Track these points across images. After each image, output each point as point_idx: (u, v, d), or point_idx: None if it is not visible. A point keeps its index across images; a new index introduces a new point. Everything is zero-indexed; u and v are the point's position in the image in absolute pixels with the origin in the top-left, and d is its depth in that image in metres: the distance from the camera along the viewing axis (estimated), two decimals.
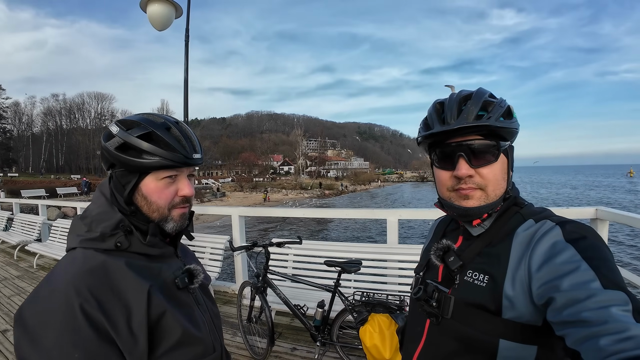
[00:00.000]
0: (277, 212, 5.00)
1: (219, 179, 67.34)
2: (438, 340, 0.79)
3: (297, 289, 3.15)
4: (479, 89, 0.77)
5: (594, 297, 0.55)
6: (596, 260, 0.60)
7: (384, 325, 1.92)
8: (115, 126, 0.75)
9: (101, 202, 0.76)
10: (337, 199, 46.30)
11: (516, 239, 0.71)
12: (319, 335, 2.43)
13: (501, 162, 0.75)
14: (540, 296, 0.63)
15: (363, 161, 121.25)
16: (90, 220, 0.73)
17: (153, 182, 0.77)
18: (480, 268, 0.74)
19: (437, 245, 0.82)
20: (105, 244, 0.71)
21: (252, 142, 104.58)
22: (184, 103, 4.70)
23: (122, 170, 0.76)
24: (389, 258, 3.10)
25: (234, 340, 3.00)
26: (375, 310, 2.05)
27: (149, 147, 0.73)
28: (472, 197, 0.75)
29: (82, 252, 0.70)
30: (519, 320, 0.67)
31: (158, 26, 4.24)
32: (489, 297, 0.70)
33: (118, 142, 0.74)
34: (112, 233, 0.72)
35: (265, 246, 2.66)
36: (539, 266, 0.64)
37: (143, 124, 0.75)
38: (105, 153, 0.76)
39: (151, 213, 0.78)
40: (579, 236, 0.64)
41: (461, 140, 0.74)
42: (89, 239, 0.71)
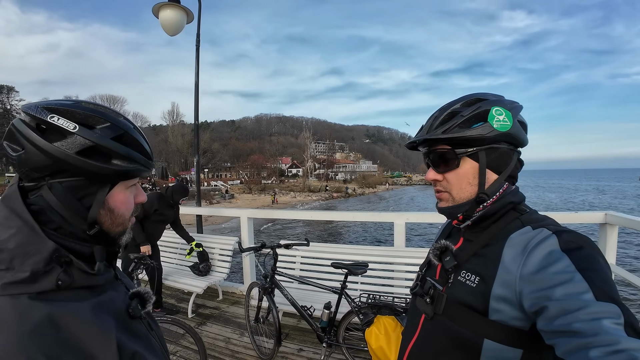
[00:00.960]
0: (285, 214, 5.03)
1: (228, 181, 67.84)
2: (430, 335, 0.82)
3: (304, 291, 3.19)
4: (464, 97, 0.82)
5: (586, 309, 0.55)
6: (590, 272, 0.60)
7: (390, 327, 1.91)
8: (62, 119, 0.57)
9: (17, 225, 0.54)
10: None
11: (509, 242, 0.72)
12: (325, 337, 2.46)
13: (467, 168, 0.78)
14: (532, 304, 0.63)
15: (371, 164, 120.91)
16: (9, 256, 0.52)
17: (121, 192, 0.65)
18: (473, 269, 0.76)
19: (436, 244, 0.86)
20: (39, 284, 0.52)
21: (260, 145, 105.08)
22: (194, 106, 4.80)
23: (78, 179, 0.59)
24: (396, 261, 3.11)
25: (242, 340, 3.04)
26: (381, 312, 2.04)
27: (128, 152, 0.62)
28: (441, 199, 0.83)
29: (10, 301, 0.50)
30: (505, 323, 0.68)
31: (170, 31, 4.33)
32: (478, 297, 0.72)
33: (82, 144, 0.57)
34: (47, 269, 0.53)
35: (274, 248, 2.70)
36: (533, 274, 0.65)
37: (111, 122, 0.61)
38: (44, 156, 0.56)
39: (114, 228, 0.65)
40: (575, 246, 0.64)
41: (429, 149, 0.82)
42: (13, 282, 0.51)
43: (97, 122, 0.60)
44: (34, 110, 0.57)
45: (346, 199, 48.74)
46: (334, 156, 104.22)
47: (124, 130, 0.62)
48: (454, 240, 0.86)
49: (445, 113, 0.79)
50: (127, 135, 0.63)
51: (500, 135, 0.74)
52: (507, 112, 0.75)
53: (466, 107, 0.78)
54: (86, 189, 0.60)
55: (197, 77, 4.77)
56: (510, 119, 0.75)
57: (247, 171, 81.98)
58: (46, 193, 0.58)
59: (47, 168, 0.57)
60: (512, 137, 0.76)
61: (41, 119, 0.56)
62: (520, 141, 0.78)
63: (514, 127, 0.75)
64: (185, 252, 4.25)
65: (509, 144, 0.77)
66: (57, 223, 0.58)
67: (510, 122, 0.75)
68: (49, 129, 0.57)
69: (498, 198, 0.78)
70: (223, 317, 3.55)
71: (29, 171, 0.57)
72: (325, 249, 3.52)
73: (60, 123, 0.56)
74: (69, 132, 0.57)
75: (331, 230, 22.00)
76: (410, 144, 0.86)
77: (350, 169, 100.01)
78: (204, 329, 3.29)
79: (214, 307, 3.82)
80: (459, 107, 0.78)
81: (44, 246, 0.54)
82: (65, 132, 0.56)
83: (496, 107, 0.75)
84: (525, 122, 0.81)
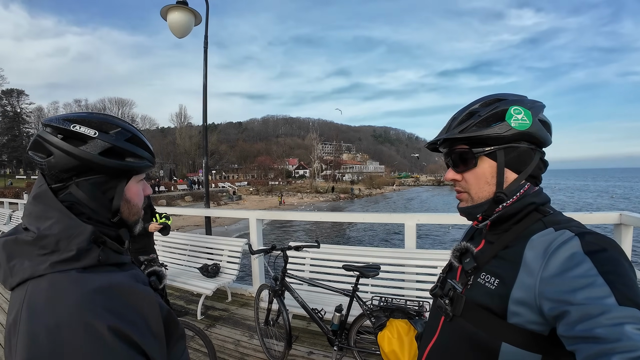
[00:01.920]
0: (294, 215, 5.01)
1: (235, 182, 68.20)
2: (448, 337, 0.82)
3: (315, 293, 3.16)
4: (484, 97, 0.82)
5: (608, 314, 0.54)
6: (613, 275, 0.58)
7: (403, 331, 1.90)
8: (83, 127, 0.68)
9: (56, 215, 0.64)
10: (348, 203, 46.07)
11: (530, 244, 0.71)
12: (336, 340, 2.42)
13: (485, 167, 0.78)
14: (552, 308, 0.62)
15: (378, 165, 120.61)
16: (55, 239, 0.62)
17: (134, 185, 0.77)
18: (493, 271, 0.75)
19: (456, 246, 0.86)
20: (83, 261, 0.63)
21: (267, 146, 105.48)
22: (203, 108, 4.81)
23: (100, 176, 0.70)
24: (407, 263, 3.08)
25: (251, 343, 3.03)
26: (393, 316, 2.03)
27: (139, 150, 0.74)
28: (461, 200, 0.84)
29: (62, 275, 0.60)
30: (524, 327, 0.67)
31: (178, 33, 4.35)
32: (497, 300, 0.71)
33: (103, 146, 0.69)
34: (88, 248, 0.64)
35: (284, 250, 2.68)
36: (554, 277, 0.63)
37: (121, 127, 0.73)
38: (72, 159, 0.67)
39: (131, 217, 0.77)
40: (598, 248, 0.62)
41: (448, 149, 0.83)
42: (62, 261, 0.61)
43: (110, 127, 0.72)
44: (56, 122, 0.68)
45: (351, 201, 48.55)
46: (340, 157, 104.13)
47: (133, 133, 0.75)
48: (476, 242, 0.86)
49: (463, 114, 0.80)
50: (136, 137, 0.75)
51: (519, 134, 0.74)
52: (526, 110, 0.74)
53: (484, 107, 0.78)
54: (108, 183, 0.72)
55: (206, 79, 4.78)
56: (530, 117, 0.74)
57: (255, 172, 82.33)
58: (75, 190, 0.69)
59: (75, 169, 0.68)
60: (532, 136, 0.75)
61: (65, 129, 0.67)
62: (542, 140, 0.77)
63: (534, 126, 0.74)
64: (194, 254, 4.27)
65: (530, 143, 0.76)
66: (87, 214, 0.69)
67: (529, 120, 0.74)
68: (72, 136, 0.68)
69: (518, 198, 0.77)
70: (232, 319, 3.54)
71: (59, 173, 0.68)
72: (336, 250, 3.49)
73: (82, 130, 0.68)
74: (91, 137, 0.68)
75: (339, 230, 21.98)
76: (431, 145, 0.88)
77: (357, 169, 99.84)
78: (213, 331, 3.29)
79: (223, 309, 3.82)
80: (477, 107, 0.79)
81: (84, 229, 0.65)
82: (87, 137, 0.68)
83: (515, 106, 0.75)
84: (548, 122, 0.79)
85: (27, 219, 0.66)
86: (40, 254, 0.61)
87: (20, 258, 0.62)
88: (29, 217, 0.65)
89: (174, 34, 4.36)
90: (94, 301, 0.58)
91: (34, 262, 0.61)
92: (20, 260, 0.62)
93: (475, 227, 0.90)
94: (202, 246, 4.35)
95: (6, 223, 8.79)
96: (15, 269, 0.61)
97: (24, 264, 0.61)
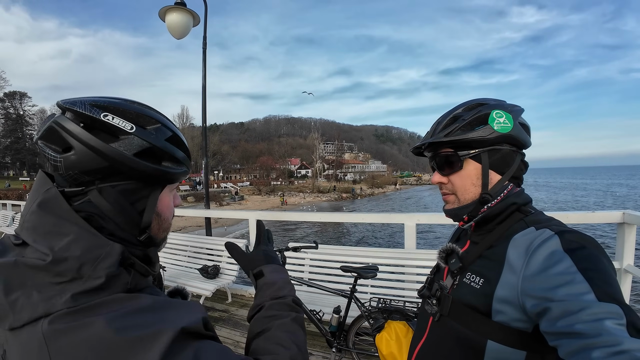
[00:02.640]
0: (294, 216, 5.01)
1: (238, 182, 68.34)
2: (437, 336, 0.84)
3: (313, 294, 3.14)
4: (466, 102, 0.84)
5: (587, 310, 0.55)
6: (592, 272, 0.60)
7: (401, 333, 1.87)
8: (118, 118, 0.53)
9: (75, 231, 0.49)
10: (350, 203, 46.04)
11: (512, 243, 0.73)
12: (334, 341, 2.41)
13: (471, 169, 0.80)
14: (534, 305, 0.63)
15: (380, 164, 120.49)
16: (77, 263, 0.47)
17: (167, 195, 0.62)
18: (478, 271, 0.77)
19: (442, 247, 0.88)
20: (111, 290, 0.48)
21: (269, 146, 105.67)
22: (202, 109, 4.81)
23: (131, 182, 0.55)
24: (407, 263, 3.06)
25: None
26: (392, 317, 2.01)
27: (178, 153, 0.59)
28: (448, 202, 0.86)
29: None
30: (508, 325, 0.69)
31: (176, 34, 4.34)
32: (481, 298, 0.73)
33: (140, 145, 0.53)
34: (118, 272, 0.50)
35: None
36: (535, 275, 0.65)
37: (161, 123, 0.58)
38: (100, 158, 0.51)
39: (160, 233, 0.62)
40: (577, 246, 0.64)
41: (433, 153, 0.85)
42: (86, 291, 0.46)
43: (148, 122, 0.56)
44: (81, 107, 0.51)
45: (352, 201, 48.46)
46: (342, 157, 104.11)
47: (173, 131, 0.59)
48: (461, 243, 0.88)
49: (447, 118, 0.82)
50: (176, 137, 0.60)
51: (502, 137, 0.77)
52: (507, 114, 0.77)
53: (467, 112, 0.80)
54: (139, 192, 0.57)
55: (205, 80, 4.78)
56: (511, 120, 0.77)
57: (257, 173, 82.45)
58: (96, 198, 0.53)
59: (101, 171, 0.52)
60: (514, 138, 0.78)
61: (93, 117, 0.51)
62: (522, 142, 0.80)
63: (515, 129, 0.77)
64: (194, 255, 4.26)
65: (511, 145, 0.79)
66: (109, 230, 0.54)
67: (510, 124, 0.77)
68: (101, 129, 0.52)
69: (502, 199, 0.79)
70: (232, 320, 3.53)
71: (78, 174, 0.52)
72: (334, 251, 3.47)
73: (116, 123, 0.52)
74: (126, 132, 0.53)
75: (342, 229, 21.97)
76: (416, 149, 0.90)
77: (359, 169, 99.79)
78: None
79: (223, 310, 3.81)
80: (460, 112, 0.82)
81: (112, 248, 0.50)
82: (122, 132, 0.52)
83: (496, 110, 0.78)
84: (527, 125, 0.82)
85: (31, 235, 0.49)
86: (56, 282, 0.46)
87: (25, 289, 0.46)
88: (34, 232, 0.49)
89: (173, 35, 4.36)
90: None
91: (48, 293, 0.45)
92: (26, 292, 0.46)
93: (461, 228, 0.93)
94: (202, 247, 4.34)
95: (9, 225, 8.85)
96: (19, 304, 0.45)
97: (32, 297, 0.45)
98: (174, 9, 4.24)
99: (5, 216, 9.38)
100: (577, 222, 3.01)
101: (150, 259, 0.60)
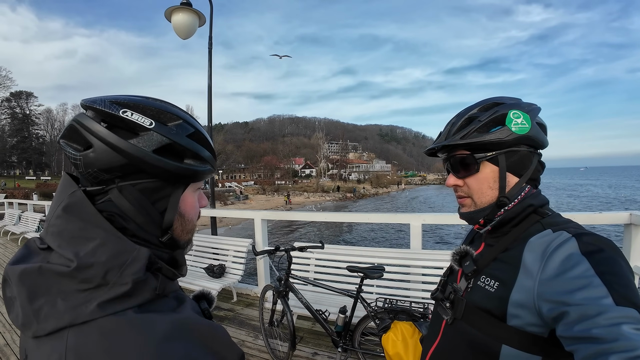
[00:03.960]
0: (299, 215, 5.01)
1: (242, 182, 68.51)
2: (450, 340, 0.83)
3: (319, 294, 3.14)
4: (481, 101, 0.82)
5: (605, 314, 0.54)
6: (610, 275, 0.58)
7: (407, 334, 1.86)
8: (136, 114, 0.52)
9: (101, 235, 0.48)
10: (353, 202, 45.94)
11: (528, 246, 0.71)
12: (340, 341, 2.41)
13: (488, 172, 0.78)
14: (551, 309, 0.62)
15: (385, 164, 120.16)
16: (103, 269, 0.45)
17: (191, 194, 0.60)
18: (493, 274, 0.76)
19: (456, 249, 0.87)
20: (139, 297, 0.48)
21: (274, 146, 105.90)
22: (207, 108, 4.82)
23: (152, 181, 0.54)
24: (413, 264, 3.04)
25: (256, 343, 3.03)
26: (398, 318, 2.00)
27: (202, 150, 0.57)
28: (464, 205, 0.84)
29: (122, 320, 0.45)
30: (523, 329, 0.67)
31: (182, 35, 4.36)
32: (496, 302, 0.72)
33: (160, 141, 0.52)
34: (145, 278, 0.49)
35: (288, 250, 2.66)
36: (552, 278, 0.63)
37: (183, 120, 0.56)
38: (119, 155, 0.50)
39: (184, 235, 0.60)
40: (595, 249, 0.62)
41: (448, 155, 0.83)
42: (113, 299, 0.45)
43: (169, 118, 0.55)
44: (101, 104, 0.51)
45: (355, 201, 48.32)
46: (347, 156, 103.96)
47: (195, 128, 0.57)
48: (476, 246, 0.86)
49: (462, 119, 0.79)
50: (199, 133, 0.58)
51: (519, 138, 0.74)
52: (524, 114, 0.75)
53: (483, 112, 0.78)
54: (160, 191, 0.55)
55: (210, 80, 4.79)
56: (529, 121, 0.75)
57: (261, 172, 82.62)
58: (116, 197, 0.52)
59: (121, 168, 0.51)
60: (532, 139, 0.75)
61: (112, 114, 0.50)
62: (540, 143, 0.78)
63: (533, 130, 0.75)
64: (199, 254, 4.28)
65: (529, 147, 0.77)
66: (131, 230, 0.52)
67: (528, 124, 0.75)
68: (120, 125, 0.51)
69: (519, 201, 0.77)
70: (237, 320, 3.54)
71: (98, 172, 0.51)
72: (340, 251, 3.46)
73: (135, 118, 0.51)
74: (145, 128, 0.51)
75: (346, 228, 21.94)
76: (430, 151, 0.87)
77: (363, 169, 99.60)
78: None
79: (229, 309, 3.82)
80: (476, 112, 0.79)
81: (139, 253, 0.48)
82: (141, 128, 0.51)
83: (514, 110, 0.75)
84: (544, 124, 0.80)
85: (56, 240, 0.48)
86: (81, 289, 0.45)
87: (49, 296, 0.44)
88: (59, 238, 0.48)
89: (178, 35, 4.38)
90: (171, 352, 0.44)
91: (73, 302, 0.44)
92: (51, 299, 0.44)
93: (476, 230, 0.89)
94: (208, 246, 4.36)
95: (15, 223, 8.95)
96: (44, 313, 0.44)
97: (57, 305, 0.44)
98: (180, 9, 4.26)
99: (12, 215, 9.50)
100: (583, 223, 2.95)
101: (177, 261, 0.59)
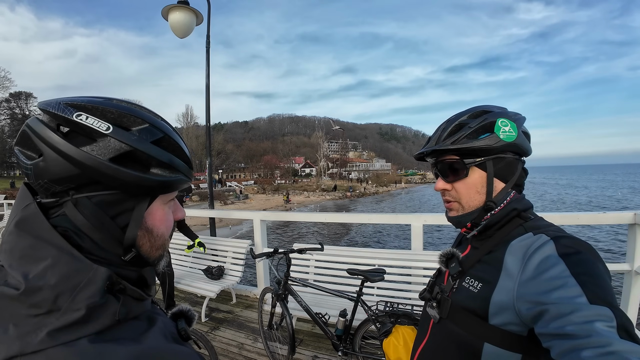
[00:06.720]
0: (299, 216, 4.96)
1: (242, 181, 68.50)
2: (437, 338, 0.87)
3: (319, 296, 3.11)
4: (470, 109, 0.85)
5: (579, 312, 0.57)
6: (585, 276, 0.61)
7: (409, 338, 1.83)
8: (92, 118, 0.46)
9: (53, 254, 0.42)
10: (352, 202, 45.90)
11: (510, 249, 0.75)
12: (340, 345, 2.37)
13: (476, 177, 0.81)
14: (529, 309, 0.65)
15: (385, 162, 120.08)
16: (52, 293, 0.40)
17: (160, 207, 0.54)
18: (477, 275, 0.79)
19: (443, 252, 0.90)
20: (96, 323, 0.42)
21: (274, 145, 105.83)
22: (206, 108, 4.78)
23: (111, 193, 0.48)
24: (414, 265, 3.01)
25: (255, 346, 2.98)
26: (399, 322, 1.96)
27: (170, 158, 0.51)
28: (451, 209, 0.86)
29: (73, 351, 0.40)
30: (504, 328, 0.71)
31: (179, 33, 4.31)
32: (479, 302, 0.75)
33: (117, 148, 0.46)
34: (103, 302, 0.43)
35: (287, 253, 2.62)
36: (530, 279, 0.67)
37: (150, 123, 0.50)
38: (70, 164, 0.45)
39: (153, 252, 0.54)
40: (572, 251, 0.65)
41: (437, 159, 0.86)
42: (65, 327, 0.40)
43: (133, 122, 0.49)
44: (55, 107, 0.46)
45: (352, 200, 48.19)
46: (347, 155, 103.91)
47: (164, 132, 0.51)
48: (462, 248, 0.90)
49: (452, 125, 0.82)
50: (168, 138, 0.52)
51: (507, 146, 0.78)
52: (512, 123, 0.79)
53: (473, 119, 0.81)
54: (121, 204, 0.49)
55: (208, 79, 4.74)
56: (515, 129, 0.79)
57: (261, 171, 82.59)
58: (71, 211, 0.47)
59: (73, 179, 0.45)
60: (518, 147, 0.80)
61: (65, 118, 0.45)
62: (525, 151, 0.82)
63: (519, 138, 0.79)
64: (198, 255, 4.24)
65: (515, 154, 0.81)
66: (87, 249, 0.46)
67: (515, 132, 0.79)
68: (75, 131, 0.46)
69: (505, 206, 0.81)
70: (237, 322, 3.50)
71: (49, 184, 0.45)
72: (340, 252, 3.42)
73: (90, 123, 0.45)
74: (101, 133, 0.46)
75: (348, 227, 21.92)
76: (419, 155, 0.90)
77: (363, 167, 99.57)
78: (218, 333, 3.25)
79: (228, 311, 3.78)
80: (465, 119, 0.82)
81: (95, 274, 0.43)
82: (96, 133, 0.46)
83: (502, 118, 0.79)
84: (528, 133, 0.84)
85: (8, 258, 0.43)
86: (31, 315, 0.40)
87: (2, 321, 0.41)
88: (10, 256, 0.43)
89: (176, 34, 4.33)
90: None
91: (23, 328, 0.40)
92: (3, 324, 0.40)
93: (464, 233, 0.92)
94: (206, 248, 4.32)
95: None
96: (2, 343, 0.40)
97: (9, 332, 0.40)
98: (176, 8, 4.21)
99: None
100: (588, 223, 2.93)
101: (145, 280, 0.53)
